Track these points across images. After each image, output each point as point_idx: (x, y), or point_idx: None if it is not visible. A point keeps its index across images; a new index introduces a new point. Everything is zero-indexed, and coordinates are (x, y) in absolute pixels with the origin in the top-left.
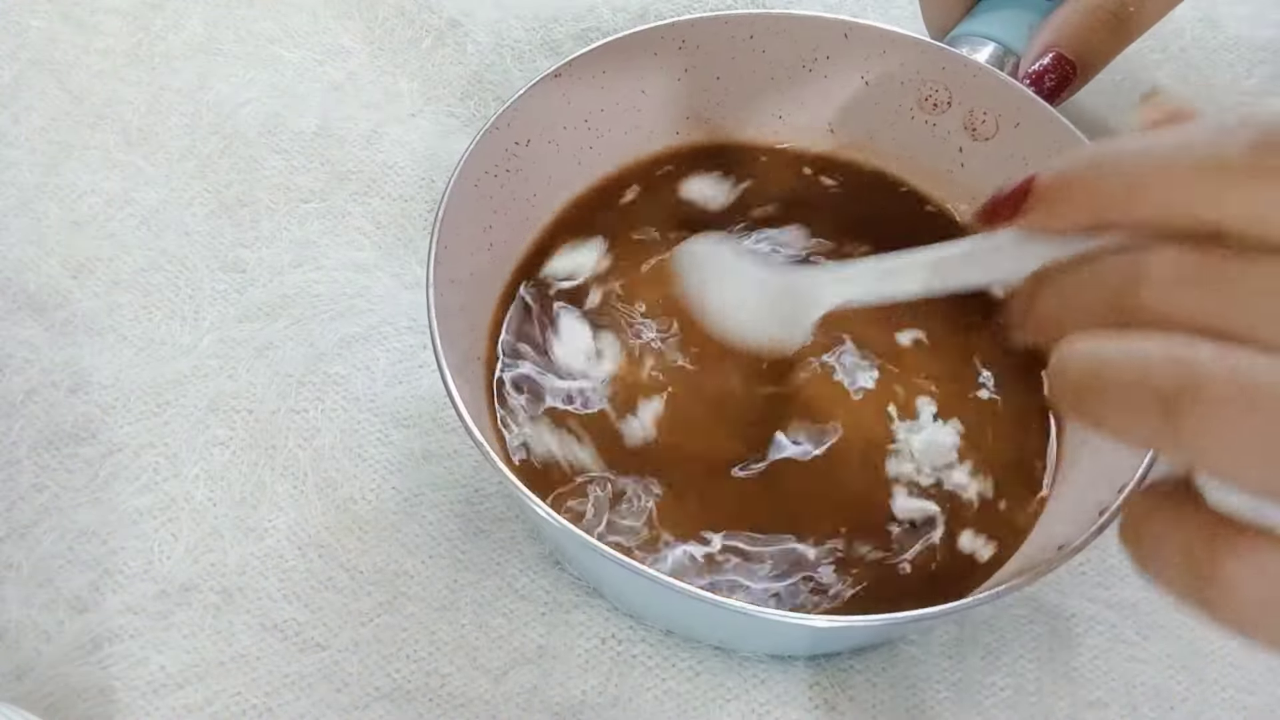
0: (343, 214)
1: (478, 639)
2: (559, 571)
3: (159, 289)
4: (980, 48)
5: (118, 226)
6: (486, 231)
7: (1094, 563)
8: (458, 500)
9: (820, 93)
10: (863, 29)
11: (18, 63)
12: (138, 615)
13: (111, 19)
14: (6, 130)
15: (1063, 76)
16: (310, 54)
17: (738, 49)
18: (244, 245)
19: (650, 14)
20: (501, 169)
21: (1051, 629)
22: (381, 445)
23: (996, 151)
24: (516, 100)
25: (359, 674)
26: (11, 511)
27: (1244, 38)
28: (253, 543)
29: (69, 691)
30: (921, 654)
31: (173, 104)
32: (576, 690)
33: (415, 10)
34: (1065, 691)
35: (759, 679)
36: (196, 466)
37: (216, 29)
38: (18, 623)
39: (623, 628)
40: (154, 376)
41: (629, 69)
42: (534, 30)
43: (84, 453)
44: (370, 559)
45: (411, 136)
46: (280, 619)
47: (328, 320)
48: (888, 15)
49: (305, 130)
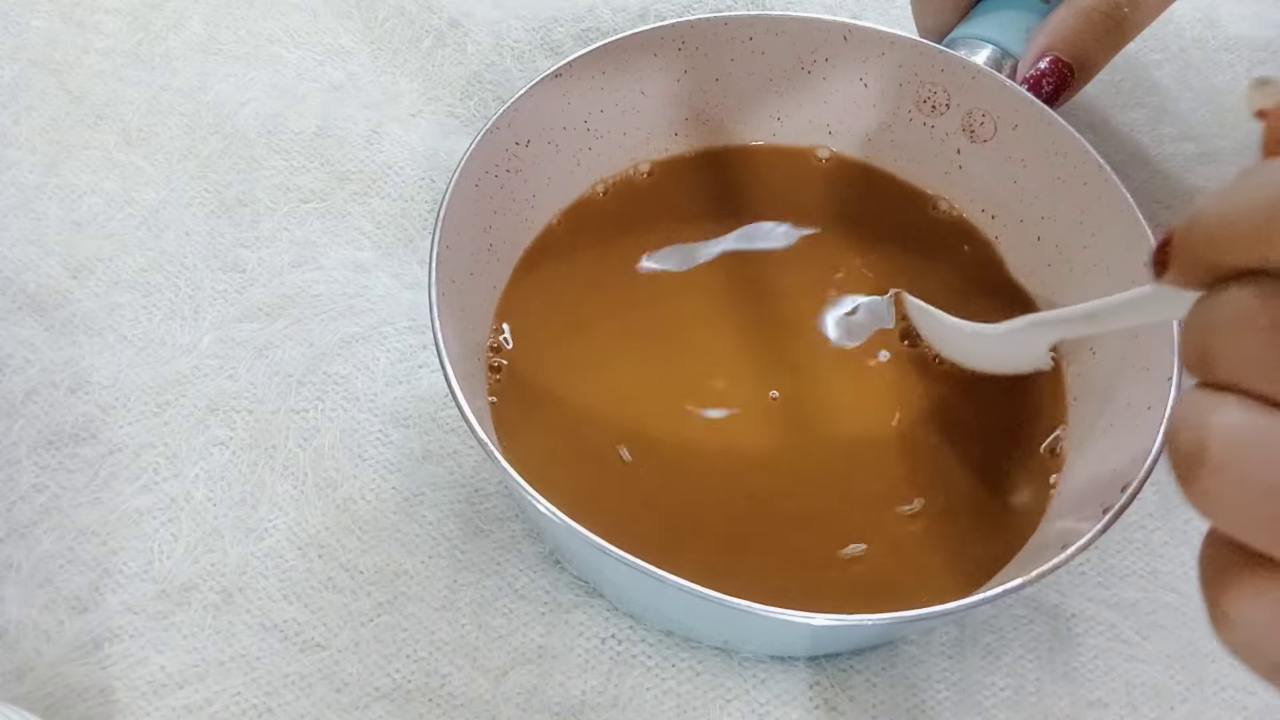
0: (343, 214)
1: (478, 639)
2: (559, 571)
3: (159, 289)
4: (978, 51)
5: (118, 226)
6: (486, 231)
7: (1094, 563)
8: (458, 500)
9: (819, 94)
10: (862, 31)
11: (18, 63)
12: (138, 615)
13: (111, 19)
14: (6, 130)
15: (1061, 80)
16: (310, 54)
17: (737, 50)
18: (244, 245)
19: (650, 15)
20: (501, 169)
21: (1051, 629)
22: (381, 445)
23: (995, 153)
24: (516, 100)
25: (359, 674)
26: (11, 511)
27: (1244, 38)
28: (253, 543)
29: (69, 691)
30: (921, 654)
31: (173, 104)
32: (576, 690)
33: (415, 10)
34: (1065, 691)
35: (759, 679)
36: (196, 466)
37: (216, 29)
38: (18, 623)
39: (623, 628)
40: (154, 376)
41: (629, 70)
42: (534, 30)
43: (84, 453)
44: (370, 559)
45: (411, 136)
46: (280, 619)
47: (328, 320)
48: (887, 16)
49: (305, 130)
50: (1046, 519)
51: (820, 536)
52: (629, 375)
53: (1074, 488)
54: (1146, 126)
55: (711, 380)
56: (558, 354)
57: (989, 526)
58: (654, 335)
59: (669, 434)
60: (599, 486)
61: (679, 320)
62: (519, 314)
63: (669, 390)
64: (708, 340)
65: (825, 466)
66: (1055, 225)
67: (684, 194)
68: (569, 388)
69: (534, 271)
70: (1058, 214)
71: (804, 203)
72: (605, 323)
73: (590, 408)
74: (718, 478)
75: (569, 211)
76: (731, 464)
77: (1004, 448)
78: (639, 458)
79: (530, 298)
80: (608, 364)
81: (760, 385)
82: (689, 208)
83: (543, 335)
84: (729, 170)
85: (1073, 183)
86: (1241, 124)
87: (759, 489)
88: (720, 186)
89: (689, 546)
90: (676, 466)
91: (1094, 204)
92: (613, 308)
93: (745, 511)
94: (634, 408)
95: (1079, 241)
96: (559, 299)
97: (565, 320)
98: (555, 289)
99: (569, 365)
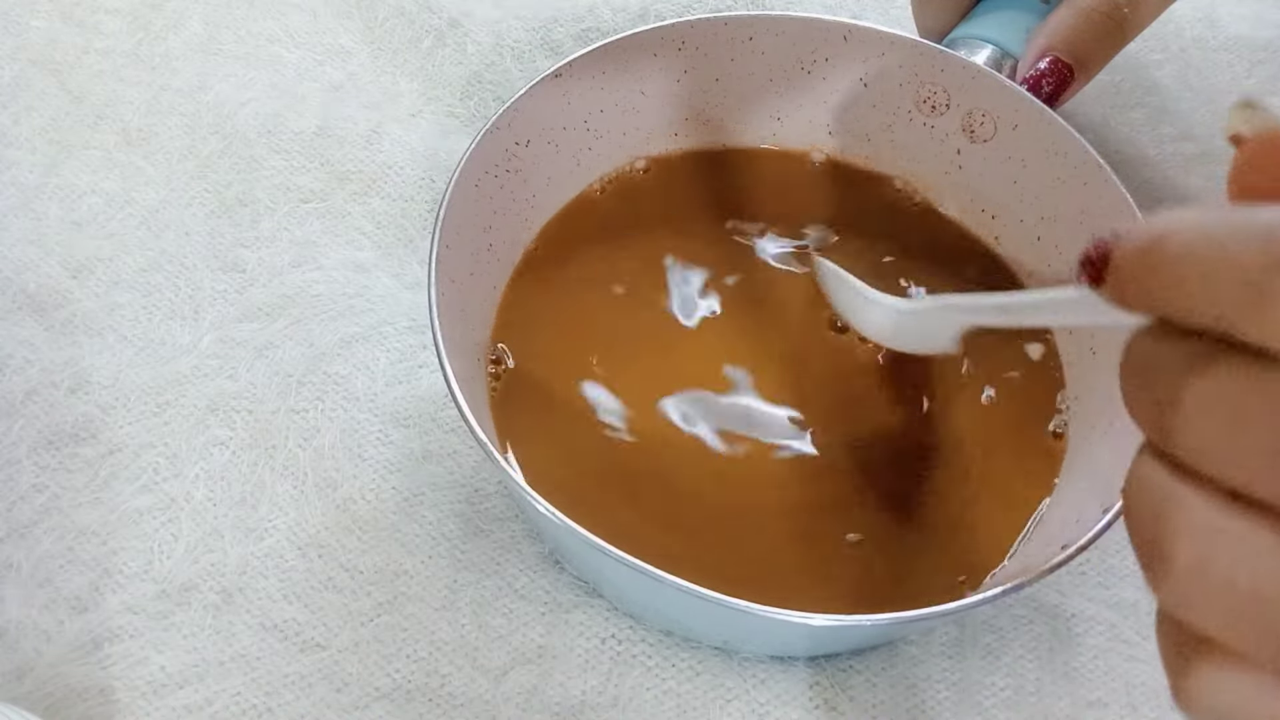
0: (343, 214)
1: (478, 639)
2: (559, 571)
3: (159, 289)
4: (978, 51)
5: (118, 226)
6: (486, 232)
7: (1094, 563)
8: (458, 500)
9: (819, 94)
10: (862, 31)
11: (18, 63)
12: (138, 615)
13: (111, 19)
14: (6, 130)
15: (1061, 80)
16: (310, 54)
17: (737, 50)
18: (244, 245)
19: (650, 15)
20: (501, 169)
21: (1051, 629)
22: (381, 445)
23: (995, 153)
24: (516, 100)
25: (359, 674)
26: (11, 511)
27: (1244, 38)
28: (253, 543)
29: (69, 691)
30: (921, 654)
31: (173, 104)
32: (576, 690)
33: (415, 10)
34: (1065, 691)
35: (759, 679)
36: (196, 466)
37: (216, 29)
38: (18, 623)
39: (623, 628)
40: (154, 376)
41: (628, 70)
42: (534, 30)
43: (84, 453)
44: (370, 559)
45: (411, 136)
46: (280, 619)
47: (328, 320)
48: (887, 16)
49: (305, 130)
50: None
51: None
52: (629, 375)
53: (1074, 488)
54: (1146, 126)
55: (712, 380)
56: (557, 354)
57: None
58: (653, 335)
59: (669, 433)
60: (599, 487)
61: (679, 320)
62: (519, 314)
63: (669, 390)
64: (708, 340)
65: (827, 463)
66: (1055, 225)
67: (683, 193)
68: (569, 388)
69: (534, 271)
70: (1058, 214)
71: (804, 202)
72: (605, 323)
73: (590, 408)
74: (718, 477)
75: (569, 211)
76: (732, 464)
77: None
78: (639, 457)
79: (530, 298)
80: (608, 364)
81: (761, 385)
82: (688, 206)
83: (542, 335)
84: (728, 169)
85: (1073, 183)
86: None
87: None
88: (720, 185)
89: (688, 547)
90: (677, 466)
91: (1094, 204)
92: (612, 308)
93: (746, 511)
94: (634, 407)
95: (1079, 241)
96: (559, 299)
97: (565, 320)
98: (555, 289)
99: (569, 365)
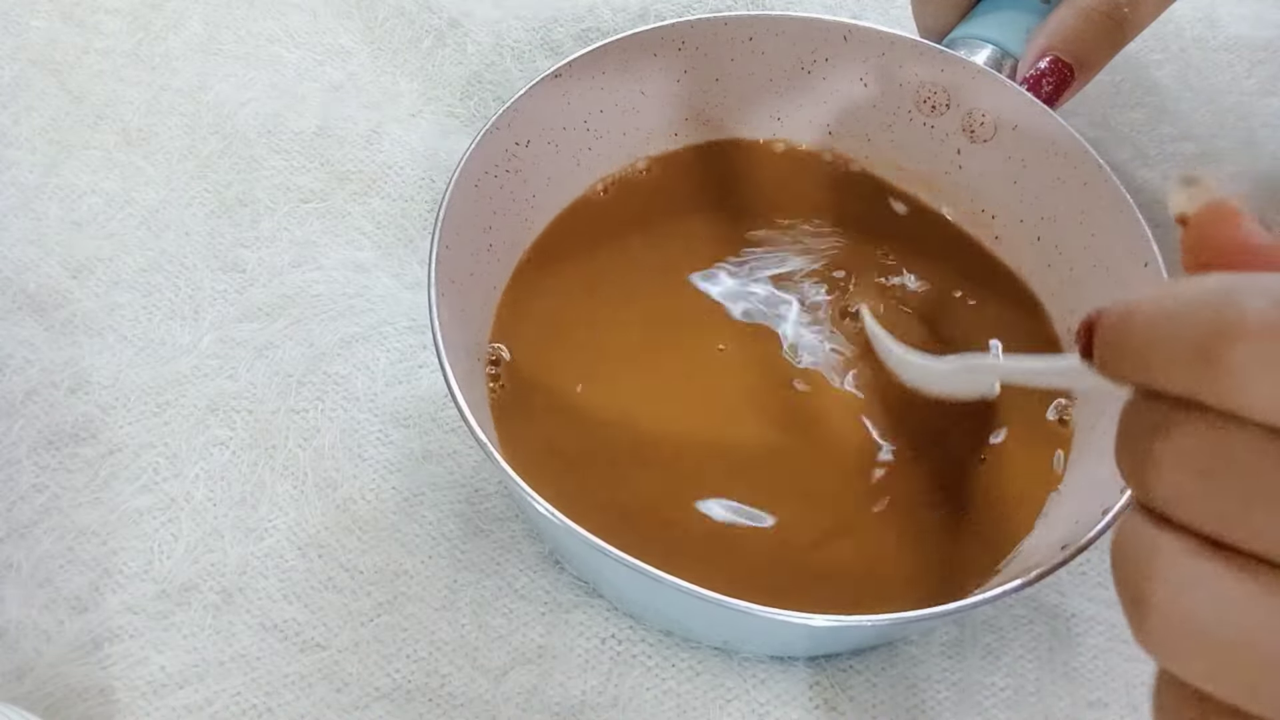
0: (343, 214)
1: (478, 639)
2: (559, 571)
3: (159, 289)
4: (978, 51)
5: (118, 226)
6: (486, 232)
7: (1094, 563)
8: (458, 500)
9: (819, 94)
10: (862, 31)
11: (18, 63)
12: (138, 615)
13: (111, 19)
14: (6, 130)
15: (1060, 80)
16: (310, 54)
17: (737, 50)
18: (244, 245)
19: (650, 15)
20: (501, 169)
21: (1051, 629)
22: (381, 445)
23: (994, 153)
24: (516, 100)
25: (359, 674)
26: (11, 511)
27: (1244, 38)
28: (253, 543)
29: (69, 691)
30: (921, 654)
31: (173, 104)
32: (576, 690)
33: (415, 10)
34: (1065, 691)
35: (759, 679)
36: (196, 466)
37: (216, 29)
38: (18, 623)
39: (623, 628)
40: (154, 376)
41: (628, 70)
42: (534, 30)
43: (84, 453)
44: (370, 559)
45: (411, 136)
46: (280, 619)
47: (328, 320)
48: (887, 16)
49: (305, 130)
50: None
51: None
52: (629, 375)
53: (1074, 488)
54: (1146, 126)
55: (712, 379)
56: (557, 354)
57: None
58: (654, 334)
59: (669, 433)
60: (599, 486)
61: (679, 320)
62: (519, 314)
63: (669, 389)
64: (708, 339)
65: (827, 462)
66: (1055, 225)
67: (684, 193)
68: (569, 388)
69: (534, 271)
70: (1058, 214)
71: (803, 202)
72: (605, 322)
73: (590, 408)
74: (718, 477)
75: (569, 211)
76: (733, 463)
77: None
78: (639, 457)
79: (530, 298)
80: (608, 364)
81: (761, 384)
82: (689, 207)
83: (542, 335)
84: (728, 169)
85: (1073, 183)
86: (1241, 124)
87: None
88: (720, 185)
89: (689, 546)
90: (677, 466)
91: (1094, 204)
92: (612, 307)
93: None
94: (634, 407)
95: (1079, 241)
96: (559, 299)
97: (565, 320)
98: (555, 289)
99: (569, 365)
